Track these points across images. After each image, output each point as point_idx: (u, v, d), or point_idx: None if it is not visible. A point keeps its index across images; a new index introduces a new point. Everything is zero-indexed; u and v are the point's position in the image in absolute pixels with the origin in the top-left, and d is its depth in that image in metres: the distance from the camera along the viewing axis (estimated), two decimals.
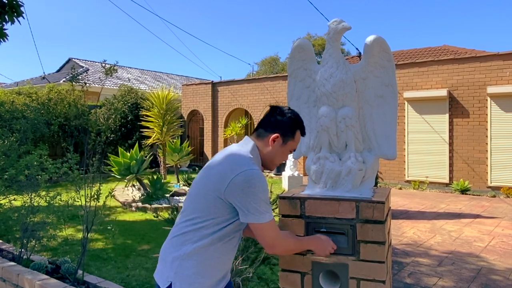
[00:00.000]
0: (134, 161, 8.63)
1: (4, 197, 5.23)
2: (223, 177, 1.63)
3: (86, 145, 4.14)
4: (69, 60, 23.13)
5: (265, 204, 1.65)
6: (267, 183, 1.69)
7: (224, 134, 15.56)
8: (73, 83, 4.31)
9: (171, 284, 1.66)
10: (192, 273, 1.65)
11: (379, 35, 1.99)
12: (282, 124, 1.81)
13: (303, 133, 1.88)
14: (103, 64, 4.43)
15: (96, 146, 4.06)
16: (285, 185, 10.64)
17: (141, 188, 9.02)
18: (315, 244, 1.83)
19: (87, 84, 4.38)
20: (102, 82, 16.66)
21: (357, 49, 13.53)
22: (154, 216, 4.32)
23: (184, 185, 10.49)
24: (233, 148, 1.78)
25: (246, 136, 1.87)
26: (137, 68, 25.65)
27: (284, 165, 12.37)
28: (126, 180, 8.79)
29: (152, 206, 7.96)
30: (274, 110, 1.85)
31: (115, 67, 4.34)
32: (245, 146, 1.78)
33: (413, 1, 62.10)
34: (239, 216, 1.65)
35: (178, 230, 1.72)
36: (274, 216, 3.01)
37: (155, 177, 8.89)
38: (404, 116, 11.42)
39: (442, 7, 61.67)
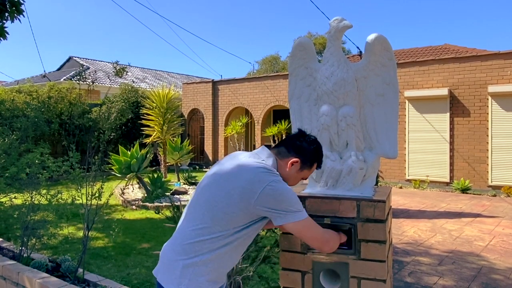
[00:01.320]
0: (135, 160, 8.63)
1: (5, 195, 5.24)
2: (250, 192, 1.61)
3: (89, 143, 4.14)
4: (70, 58, 23.14)
5: (299, 205, 1.67)
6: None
7: (225, 133, 15.55)
8: (80, 81, 4.31)
9: None
10: (205, 280, 1.65)
11: (380, 33, 1.98)
12: (305, 152, 1.79)
13: (319, 166, 1.87)
14: (114, 65, 4.44)
15: (100, 144, 4.06)
16: None
17: (142, 187, 9.02)
18: (342, 237, 1.86)
19: (94, 83, 4.38)
20: (104, 81, 16.66)
21: (358, 48, 13.54)
22: (156, 212, 4.32)
23: (184, 184, 10.50)
24: (250, 159, 1.73)
25: (263, 146, 1.84)
26: (138, 67, 25.65)
27: None
28: (126, 179, 8.80)
29: (153, 204, 7.96)
30: (302, 136, 1.83)
31: (125, 69, 4.36)
32: (265, 158, 1.75)
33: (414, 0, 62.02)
34: (273, 221, 1.66)
35: (190, 237, 1.66)
36: None
37: (155, 175, 8.89)
38: (405, 115, 11.41)
39: (443, 6, 61.60)
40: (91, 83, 4.24)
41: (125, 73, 4.29)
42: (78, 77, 4.32)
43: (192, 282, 1.64)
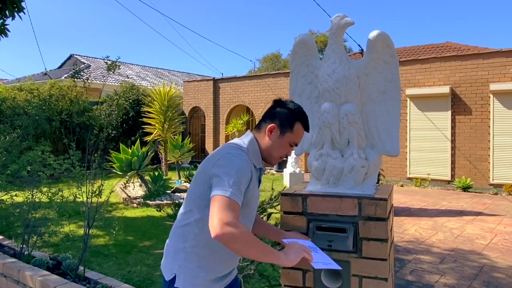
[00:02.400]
0: (136, 158, 8.63)
1: (6, 192, 5.24)
2: (210, 163, 1.64)
3: (88, 141, 4.13)
4: (71, 56, 23.12)
5: (234, 183, 1.51)
6: (248, 171, 1.61)
7: (226, 131, 15.54)
8: (75, 79, 4.31)
9: (175, 277, 1.66)
10: (195, 266, 1.64)
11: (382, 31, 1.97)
12: (280, 115, 1.74)
13: (306, 127, 1.77)
14: (106, 60, 4.43)
15: (99, 142, 4.05)
16: (286, 182, 10.63)
17: (143, 185, 9.02)
18: (280, 254, 1.56)
19: (90, 80, 4.38)
20: (104, 78, 16.65)
21: (359, 45, 13.50)
22: (157, 210, 4.32)
23: (185, 182, 10.50)
24: (231, 140, 1.80)
25: (248, 130, 1.85)
26: (138, 65, 25.63)
27: (285, 162, 12.35)
28: (127, 177, 8.80)
29: (154, 202, 7.97)
30: (278, 103, 1.80)
31: (117, 64, 4.34)
32: (244, 138, 1.77)
33: None
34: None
35: (180, 220, 1.72)
36: (276, 212, 2.97)
37: (156, 173, 8.89)
38: (406, 113, 11.39)
39: (445, 4, 61.44)
40: (86, 80, 4.25)
41: (118, 68, 4.29)
42: (75, 75, 4.32)
43: (182, 268, 1.66)
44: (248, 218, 1.74)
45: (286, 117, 1.74)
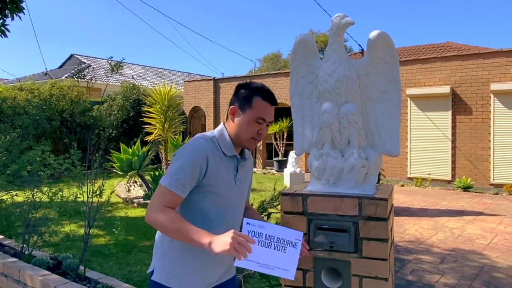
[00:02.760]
0: (136, 158, 8.63)
1: (6, 192, 5.24)
2: None
3: (90, 140, 4.14)
4: (71, 56, 23.14)
5: (175, 171, 1.56)
6: (200, 158, 1.60)
7: None
8: (78, 79, 4.32)
9: (153, 270, 1.71)
10: (170, 260, 1.68)
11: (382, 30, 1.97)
12: (238, 96, 1.75)
13: (268, 100, 1.72)
14: (109, 61, 4.44)
15: (100, 142, 4.05)
16: (287, 181, 10.63)
17: (143, 185, 9.03)
18: (209, 240, 1.49)
19: (93, 80, 4.39)
20: (105, 78, 16.65)
21: (359, 45, 13.49)
22: None
23: None
24: None
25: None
26: (139, 65, 25.64)
27: (286, 162, 12.36)
28: (128, 177, 8.80)
29: None
30: (237, 87, 1.81)
31: (121, 64, 4.35)
32: (216, 129, 1.81)
33: None
34: None
35: None
36: (276, 212, 2.97)
37: (157, 173, 8.89)
38: (407, 113, 11.38)
39: (446, 4, 61.40)
40: (89, 80, 4.24)
41: (120, 68, 4.29)
42: (77, 75, 4.33)
43: (159, 262, 1.71)
44: (221, 207, 1.69)
45: (244, 96, 1.73)
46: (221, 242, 1.46)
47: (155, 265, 1.72)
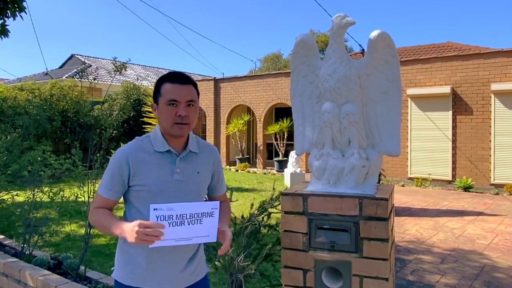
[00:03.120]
0: None
1: (7, 192, 5.24)
2: None
3: (91, 140, 4.14)
4: (72, 56, 23.16)
5: (104, 178, 1.72)
6: (120, 159, 1.69)
7: (227, 131, 15.55)
8: (81, 79, 4.31)
9: (114, 268, 1.83)
10: (123, 260, 1.76)
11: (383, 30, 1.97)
12: (153, 91, 1.80)
13: (173, 80, 1.71)
14: (114, 62, 4.43)
15: (101, 142, 4.05)
16: (287, 182, 10.63)
17: None
18: (109, 228, 1.65)
19: (95, 81, 4.38)
20: (106, 78, 16.66)
21: (360, 45, 13.50)
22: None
23: None
24: None
25: None
26: (139, 65, 25.66)
27: (286, 162, 12.36)
28: None
29: None
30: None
31: (125, 65, 4.35)
32: None
33: None
34: None
35: None
36: (277, 212, 2.97)
37: None
38: (407, 113, 11.37)
39: (446, 4, 61.38)
40: (92, 80, 4.24)
41: (124, 69, 4.28)
42: (80, 74, 4.32)
43: (117, 262, 1.81)
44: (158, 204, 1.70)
45: (155, 88, 1.77)
46: (129, 233, 1.50)
47: (115, 263, 1.81)
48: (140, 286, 1.71)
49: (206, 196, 1.93)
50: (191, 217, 1.57)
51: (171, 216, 1.54)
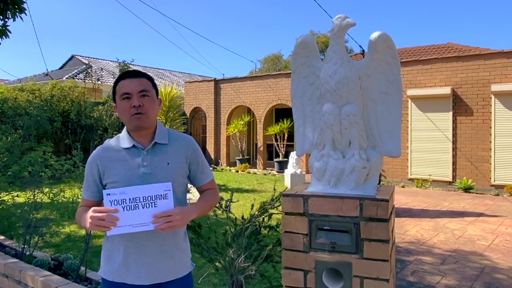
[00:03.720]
0: None
1: (7, 193, 5.25)
2: None
3: (92, 141, 4.14)
4: (72, 57, 23.17)
5: (84, 180, 1.86)
6: (91, 162, 1.82)
7: (227, 132, 15.55)
8: (85, 80, 4.32)
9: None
10: (105, 256, 1.82)
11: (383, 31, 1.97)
12: None
13: (122, 77, 1.78)
14: (118, 63, 4.44)
15: (103, 143, 4.06)
16: (287, 182, 10.63)
17: None
18: (81, 221, 1.75)
19: (99, 82, 4.39)
20: (106, 79, 16.66)
21: (360, 46, 13.49)
22: None
23: None
24: None
25: None
26: (140, 65, 25.66)
27: (286, 162, 12.37)
28: None
29: None
30: None
31: (129, 65, 4.35)
32: None
33: None
34: None
35: None
36: (277, 213, 2.98)
37: None
38: (408, 114, 11.38)
39: (447, 5, 61.41)
40: (96, 81, 4.24)
41: (128, 69, 4.30)
42: (85, 75, 4.34)
43: (101, 258, 1.87)
44: None
45: (112, 90, 1.85)
46: (86, 219, 1.62)
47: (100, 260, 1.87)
48: (120, 281, 1.75)
49: (189, 185, 1.97)
50: (144, 200, 1.60)
51: (124, 200, 1.59)
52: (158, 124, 1.85)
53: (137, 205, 1.60)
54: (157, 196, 1.62)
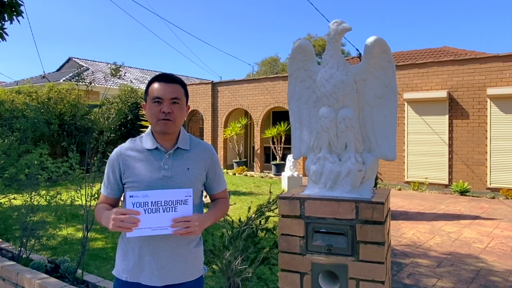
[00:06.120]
0: None
1: (4, 196, 5.23)
2: None
3: (88, 144, 4.14)
4: (69, 59, 23.15)
5: (104, 177, 1.87)
6: (113, 159, 1.83)
7: (224, 134, 15.56)
8: (77, 82, 4.31)
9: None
10: (120, 255, 1.83)
11: (379, 36, 1.99)
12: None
13: (157, 80, 1.79)
14: (110, 66, 4.44)
15: (98, 146, 4.06)
16: (284, 185, 10.64)
17: None
18: (101, 220, 1.76)
19: (92, 84, 4.39)
20: (103, 82, 16.65)
21: (357, 50, 13.56)
22: None
23: None
24: None
25: None
26: (137, 68, 25.66)
27: (283, 165, 12.38)
28: None
29: None
30: None
31: (120, 68, 4.35)
32: None
33: (414, 2, 62.18)
34: None
35: None
36: (274, 216, 3.00)
37: None
38: (404, 117, 11.42)
39: (443, 9, 61.74)
40: (89, 83, 4.24)
41: (122, 72, 4.30)
42: (77, 78, 4.33)
43: (116, 258, 1.88)
44: None
45: (145, 89, 1.86)
46: (107, 220, 1.64)
47: (115, 260, 1.89)
48: (135, 281, 1.76)
49: (204, 193, 1.98)
50: (165, 204, 1.63)
51: (146, 203, 1.62)
52: (181, 130, 1.88)
53: (158, 209, 1.63)
54: (178, 201, 1.65)
